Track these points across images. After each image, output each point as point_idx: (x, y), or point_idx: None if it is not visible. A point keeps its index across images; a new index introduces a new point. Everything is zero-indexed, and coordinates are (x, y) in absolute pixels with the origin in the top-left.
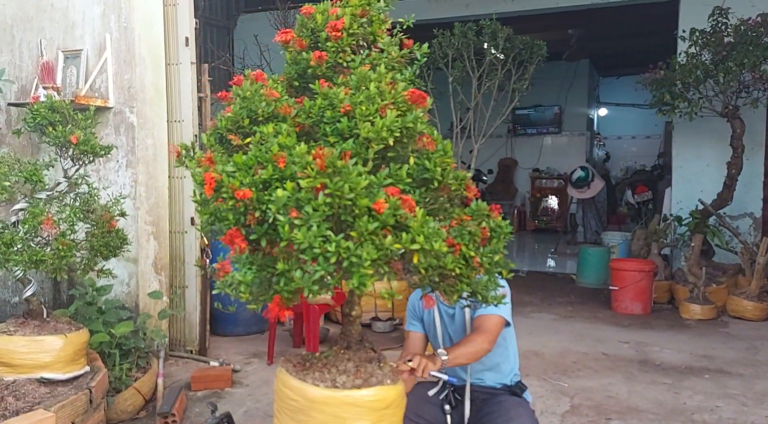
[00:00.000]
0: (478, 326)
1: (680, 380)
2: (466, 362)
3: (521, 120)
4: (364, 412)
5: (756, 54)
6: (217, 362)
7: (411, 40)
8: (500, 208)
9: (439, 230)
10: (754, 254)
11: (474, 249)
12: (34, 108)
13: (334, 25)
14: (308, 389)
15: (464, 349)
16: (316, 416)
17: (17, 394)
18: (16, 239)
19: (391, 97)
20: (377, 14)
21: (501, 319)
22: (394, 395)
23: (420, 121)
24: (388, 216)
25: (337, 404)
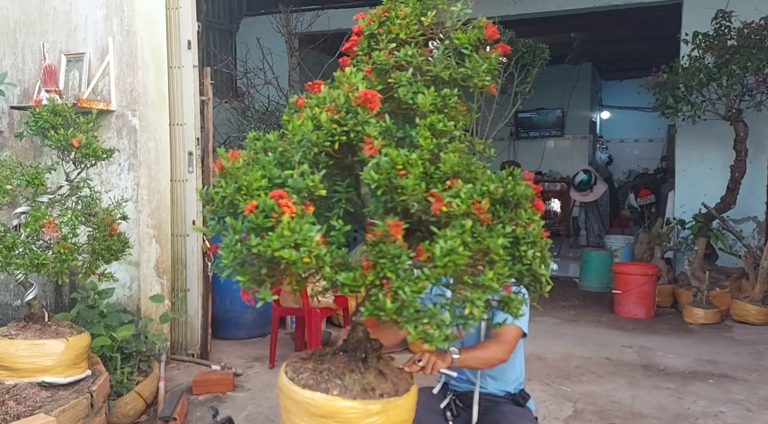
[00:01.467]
0: (496, 335)
1: (684, 385)
2: (477, 366)
3: (524, 123)
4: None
5: (759, 57)
6: (218, 365)
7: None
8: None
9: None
10: (758, 257)
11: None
12: (36, 111)
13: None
14: (317, 399)
15: (478, 353)
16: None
17: (18, 398)
18: (17, 242)
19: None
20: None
21: (520, 330)
22: (402, 405)
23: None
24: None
25: (344, 414)
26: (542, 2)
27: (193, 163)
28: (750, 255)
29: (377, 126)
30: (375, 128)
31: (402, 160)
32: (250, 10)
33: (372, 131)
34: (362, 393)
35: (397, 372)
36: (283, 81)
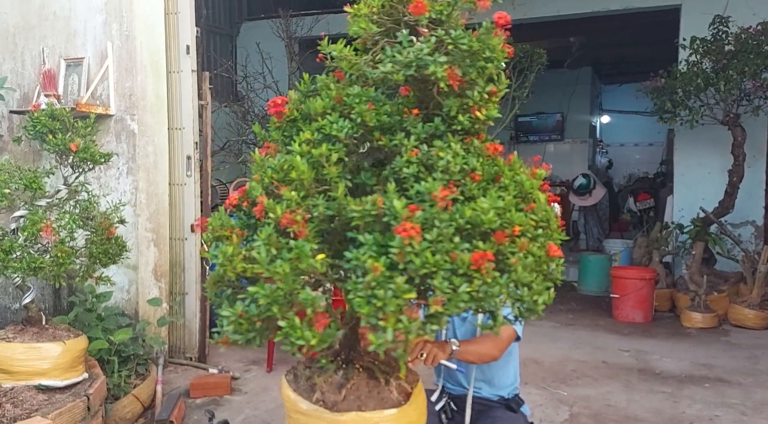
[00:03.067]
0: (489, 333)
1: (679, 389)
2: (473, 359)
3: (523, 127)
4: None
5: (757, 62)
6: (216, 369)
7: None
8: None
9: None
10: (756, 262)
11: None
12: (34, 116)
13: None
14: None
15: (475, 347)
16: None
17: (15, 401)
18: (15, 246)
19: None
20: None
21: (514, 332)
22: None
23: None
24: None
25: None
26: (541, 7)
27: (191, 167)
28: (748, 259)
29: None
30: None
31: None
32: (250, 14)
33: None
34: (369, 402)
35: (399, 373)
36: (282, 85)
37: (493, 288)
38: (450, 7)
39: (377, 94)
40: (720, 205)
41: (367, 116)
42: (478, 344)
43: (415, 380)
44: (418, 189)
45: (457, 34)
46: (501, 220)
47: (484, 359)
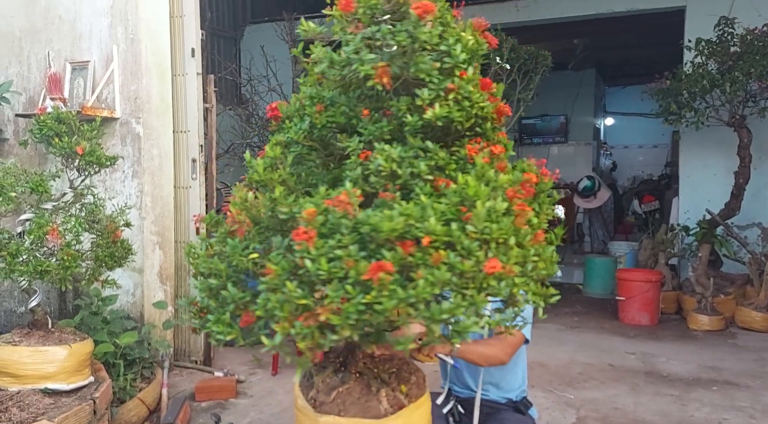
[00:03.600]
0: (500, 335)
1: (687, 392)
2: (475, 360)
3: (527, 129)
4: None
5: (763, 63)
6: (221, 372)
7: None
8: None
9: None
10: (763, 264)
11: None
12: (40, 119)
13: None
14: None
15: (479, 348)
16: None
17: (21, 405)
18: (21, 249)
19: None
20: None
21: (522, 336)
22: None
23: None
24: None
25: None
26: (545, 9)
27: (196, 170)
28: (755, 261)
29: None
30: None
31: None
32: (255, 17)
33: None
34: (351, 408)
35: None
36: (287, 88)
37: (390, 301)
38: (388, 3)
39: (334, 95)
40: (726, 207)
41: (316, 118)
42: (482, 346)
43: (418, 395)
44: (329, 193)
45: (384, 29)
46: (408, 229)
47: (492, 362)
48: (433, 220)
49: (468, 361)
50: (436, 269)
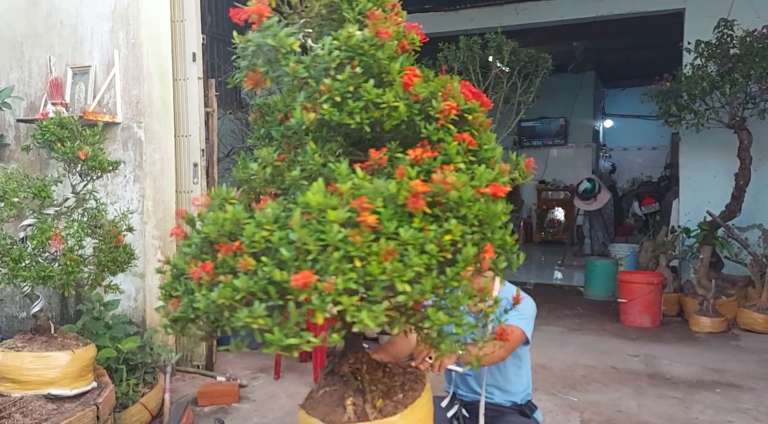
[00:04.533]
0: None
1: (691, 394)
2: (481, 362)
3: (527, 132)
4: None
5: (762, 65)
6: (223, 377)
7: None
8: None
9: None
10: (764, 265)
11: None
12: (42, 124)
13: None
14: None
15: (476, 349)
16: None
17: (24, 411)
18: (24, 254)
19: None
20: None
21: (521, 332)
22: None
23: None
24: None
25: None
26: (544, 12)
27: (198, 175)
28: (756, 263)
29: None
30: None
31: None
32: None
33: None
34: (318, 410)
35: (406, 379)
36: None
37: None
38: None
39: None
40: (727, 208)
41: (273, 128)
42: (484, 347)
43: (391, 413)
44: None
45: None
46: (232, 232)
47: (494, 361)
48: (250, 226)
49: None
50: (245, 274)
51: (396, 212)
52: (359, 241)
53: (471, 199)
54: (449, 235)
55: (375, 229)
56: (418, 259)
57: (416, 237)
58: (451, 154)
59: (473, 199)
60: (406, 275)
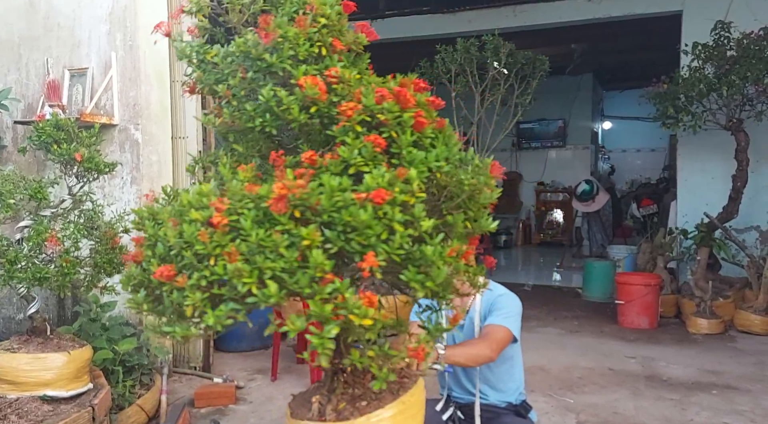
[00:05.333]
0: (484, 334)
1: (687, 396)
2: (464, 362)
3: (525, 134)
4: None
5: (759, 67)
6: (220, 378)
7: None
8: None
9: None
10: (761, 267)
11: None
12: (39, 126)
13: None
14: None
15: (464, 349)
16: None
17: (20, 412)
18: (20, 256)
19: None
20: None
21: (508, 332)
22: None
23: None
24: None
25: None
26: (542, 14)
27: (195, 177)
28: (753, 265)
29: None
30: None
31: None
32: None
33: None
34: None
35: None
36: None
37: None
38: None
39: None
40: (724, 210)
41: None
42: (467, 346)
43: (345, 418)
44: None
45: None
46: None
47: (479, 361)
48: (149, 223)
49: (457, 364)
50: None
51: (263, 214)
52: (206, 239)
53: (334, 206)
54: (307, 240)
55: (236, 229)
56: (263, 262)
57: (267, 240)
58: (346, 156)
59: (341, 205)
60: (251, 277)
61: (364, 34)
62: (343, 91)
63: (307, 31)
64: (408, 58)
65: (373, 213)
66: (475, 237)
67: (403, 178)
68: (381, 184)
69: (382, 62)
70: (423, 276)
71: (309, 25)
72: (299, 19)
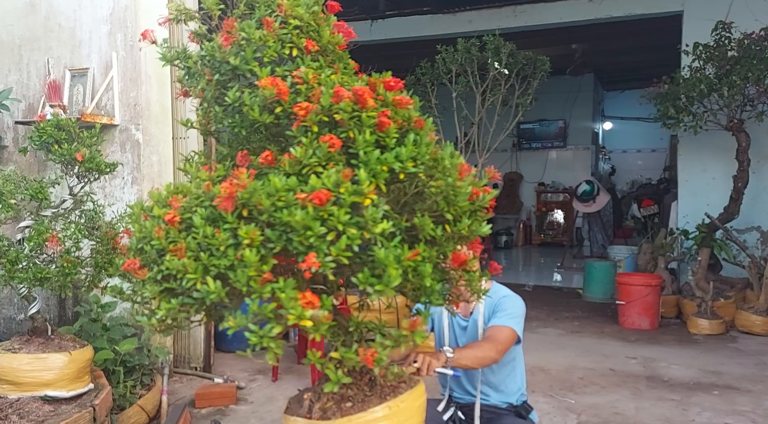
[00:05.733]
0: (489, 336)
1: (688, 397)
2: (471, 364)
3: (526, 134)
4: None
5: (760, 68)
6: (221, 378)
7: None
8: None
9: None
10: (762, 267)
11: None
12: (40, 126)
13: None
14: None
15: (471, 351)
16: None
17: (21, 412)
18: (21, 256)
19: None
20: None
21: (513, 332)
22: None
23: None
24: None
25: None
26: (543, 14)
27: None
28: (754, 265)
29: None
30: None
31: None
32: None
33: None
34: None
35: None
36: None
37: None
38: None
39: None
40: (725, 210)
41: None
42: (474, 349)
43: (327, 417)
44: None
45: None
46: None
47: (485, 362)
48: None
49: (463, 367)
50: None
51: (219, 214)
52: (160, 235)
53: (274, 206)
54: (247, 239)
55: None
56: (207, 259)
57: (212, 238)
58: (300, 156)
59: (281, 205)
60: (196, 273)
61: (341, 34)
62: (307, 92)
63: (277, 32)
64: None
65: (314, 214)
66: (473, 241)
67: (349, 179)
68: (326, 185)
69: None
70: (374, 279)
71: (278, 27)
72: (266, 22)
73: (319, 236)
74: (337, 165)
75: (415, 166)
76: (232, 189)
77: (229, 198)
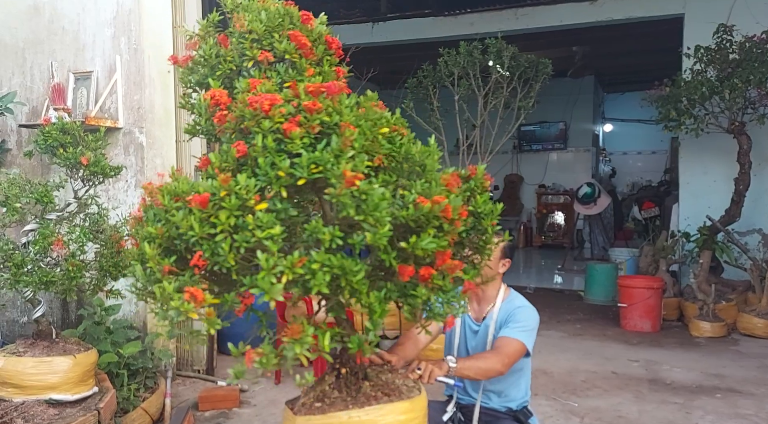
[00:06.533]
0: (497, 347)
1: (691, 400)
2: (474, 376)
3: (527, 136)
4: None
5: (761, 70)
6: (224, 381)
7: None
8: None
9: None
10: (764, 270)
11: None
12: (45, 130)
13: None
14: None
15: (475, 362)
16: None
17: (26, 416)
18: (26, 260)
19: None
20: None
21: (522, 346)
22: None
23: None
24: None
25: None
26: (544, 17)
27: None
28: (756, 268)
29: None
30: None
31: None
32: None
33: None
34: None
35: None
36: None
37: None
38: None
39: None
40: (726, 213)
41: None
42: (479, 360)
43: (304, 413)
44: None
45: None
46: None
47: (489, 375)
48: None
49: (466, 377)
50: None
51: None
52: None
53: (172, 207)
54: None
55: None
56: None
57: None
58: (214, 161)
59: (179, 205)
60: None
61: (293, 44)
62: (244, 100)
63: (236, 48)
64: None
65: (199, 216)
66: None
67: (227, 184)
68: (207, 189)
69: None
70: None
71: (236, 43)
72: (221, 39)
73: (202, 238)
74: (248, 171)
75: (320, 172)
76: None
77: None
